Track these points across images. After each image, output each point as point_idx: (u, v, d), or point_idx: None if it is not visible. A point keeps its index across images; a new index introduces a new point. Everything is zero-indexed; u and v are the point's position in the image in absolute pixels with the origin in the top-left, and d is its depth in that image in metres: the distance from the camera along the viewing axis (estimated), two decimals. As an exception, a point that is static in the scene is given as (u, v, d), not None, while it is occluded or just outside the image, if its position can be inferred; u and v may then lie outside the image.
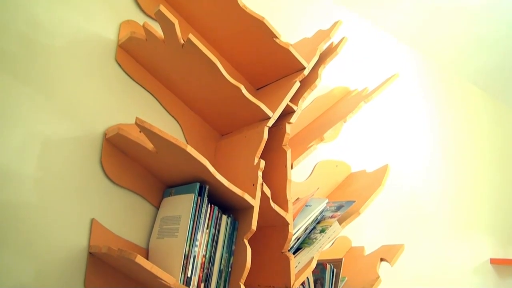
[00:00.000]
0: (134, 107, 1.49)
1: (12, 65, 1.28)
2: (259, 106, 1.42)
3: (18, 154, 1.26)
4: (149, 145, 1.31)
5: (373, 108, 2.38)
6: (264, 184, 1.39)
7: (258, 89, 1.76)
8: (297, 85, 1.51)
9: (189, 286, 1.24)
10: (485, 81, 3.14)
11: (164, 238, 1.35)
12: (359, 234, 2.12)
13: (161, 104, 1.55)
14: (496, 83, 3.15)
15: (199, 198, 1.32)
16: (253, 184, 1.37)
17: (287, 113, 1.55)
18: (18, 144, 1.26)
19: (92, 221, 1.34)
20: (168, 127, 1.56)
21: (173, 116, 1.57)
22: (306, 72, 1.57)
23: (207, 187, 1.34)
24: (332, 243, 1.94)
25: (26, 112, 1.28)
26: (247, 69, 1.70)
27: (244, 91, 1.38)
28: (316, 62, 1.64)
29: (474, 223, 2.97)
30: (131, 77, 1.50)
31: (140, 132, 1.43)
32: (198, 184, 1.32)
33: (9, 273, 1.19)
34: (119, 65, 1.48)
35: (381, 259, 1.71)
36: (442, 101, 2.90)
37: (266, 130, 1.42)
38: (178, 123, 1.58)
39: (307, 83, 1.60)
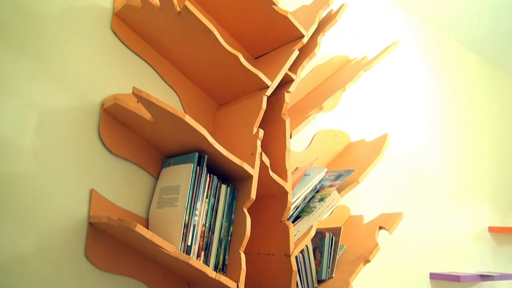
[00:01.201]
0: (131, 77, 1.48)
1: (7, 35, 1.26)
2: (257, 75, 1.41)
3: (15, 126, 1.25)
4: (147, 115, 1.30)
5: (373, 77, 2.36)
6: (263, 153, 1.38)
7: (256, 58, 1.74)
8: (295, 53, 1.50)
9: (189, 255, 1.25)
10: (485, 50, 3.11)
11: (163, 207, 1.36)
12: (358, 203, 2.13)
13: (158, 74, 1.53)
14: (496, 51, 3.12)
15: (198, 167, 1.32)
16: (252, 154, 1.37)
17: (286, 82, 1.54)
18: (15, 116, 1.25)
19: (92, 191, 1.34)
20: (166, 97, 1.54)
21: (170, 86, 1.56)
22: (305, 40, 1.55)
23: (206, 156, 1.34)
24: (331, 212, 1.95)
25: (22, 83, 1.27)
26: (245, 37, 1.67)
27: (242, 59, 1.37)
28: (315, 30, 1.61)
29: (473, 192, 2.99)
30: (127, 46, 1.47)
31: (138, 102, 1.42)
32: (197, 154, 1.32)
33: (10, 244, 1.20)
34: (115, 34, 1.46)
35: (380, 227, 1.72)
36: (442, 70, 2.88)
37: (264, 99, 1.41)
38: (176, 93, 1.57)
39: (306, 51, 1.58)
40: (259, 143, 1.37)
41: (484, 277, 2.60)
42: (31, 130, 1.27)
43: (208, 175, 1.34)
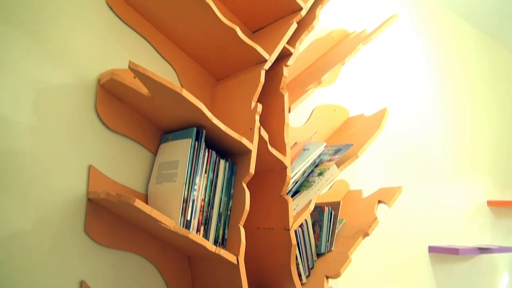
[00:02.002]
0: (127, 52, 1.46)
1: (2, 11, 1.24)
2: (255, 49, 1.39)
3: (12, 102, 1.24)
4: (144, 90, 1.29)
5: (371, 51, 2.34)
6: (261, 128, 1.38)
7: (254, 32, 1.72)
8: (294, 26, 1.47)
9: (189, 229, 1.26)
10: (483, 21, 3.07)
11: (162, 183, 1.36)
12: (357, 177, 2.14)
13: (155, 49, 1.52)
14: (493, 22, 3.09)
15: (196, 143, 1.31)
16: (251, 128, 1.36)
17: (284, 55, 1.52)
18: (11, 92, 1.24)
19: (90, 167, 1.34)
20: (163, 73, 1.53)
21: (167, 61, 1.54)
22: (303, 12, 1.52)
23: (204, 131, 1.33)
24: (330, 187, 1.95)
25: (17, 59, 1.25)
26: (242, 11, 1.65)
27: (239, 32, 1.35)
28: (314, 2, 1.59)
29: (472, 165, 2.99)
30: (123, 21, 1.45)
31: (134, 77, 1.40)
32: (195, 129, 1.31)
33: (9, 221, 1.20)
34: (111, 9, 1.43)
35: (379, 201, 1.72)
36: (440, 43, 2.85)
37: (262, 73, 1.40)
38: (173, 68, 1.55)
39: (304, 24, 1.55)
40: (257, 117, 1.36)
41: (483, 250, 2.62)
42: (27, 107, 1.26)
43: (207, 150, 1.34)
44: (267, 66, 1.42)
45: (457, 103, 2.92)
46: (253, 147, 1.34)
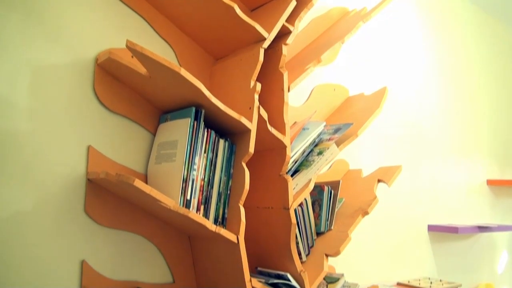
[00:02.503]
0: (125, 32, 1.44)
1: (-6, -12, 1.22)
2: (254, 27, 1.37)
3: (9, 83, 1.23)
4: (142, 70, 1.28)
5: (371, 29, 2.32)
6: (261, 107, 1.37)
7: (252, 10, 1.70)
8: (293, 4, 1.46)
9: (189, 209, 1.26)
10: None
11: (162, 163, 1.36)
12: (357, 157, 2.14)
13: (152, 28, 1.50)
14: (494, 0, 3.06)
15: (195, 122, 1.30)
16: (250, 108, 1.35)
17: (283, 34, 1.50)
18: (7, 72, 1.23)
19: (89, 148, 1.34)
20: (161, 52, 1.52)
21: (165, 40, 1.52)
22: (302, -10, 1.50)
23: (203, 111, 1.32)
24: (330, 166, 1.95)
25: (14, 38, 1.24)
26: (241, -11, 1.63)
27: (237, 10, 1.33)
28: (313, -21, 1.57)
29: (471, 145, 2.99)
30: (121, 0, 1.43)
31: (132, 57, 1.39)
32: (193, 109, 1.31)
33: (9, 201, 1.20)
34: (107, -13, 1.41)
35: (379, 180, 1.73)
36: (440, 22, 2.82)
37: (261, 51, 1.39)
38: (171, 47, 1.54)
39: (303, 2, 1.53)
40: (256, 96, 1.35)
41: (482, 229, 2.64)
42: (24, 87, 1.25)
43: (206, 129, 1.33)
44: (266, 44, 1.40)
45: (457, 82, 2.91)
46: (252, 126, 1.34)
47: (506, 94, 3.35)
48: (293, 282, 1.39)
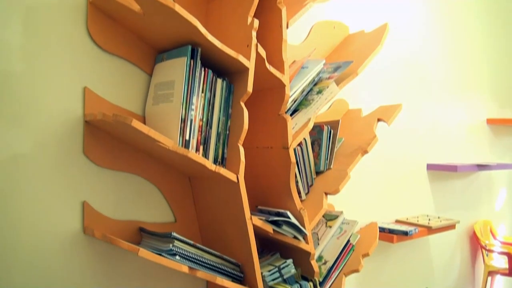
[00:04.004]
0: (116, -33, 1.38)
1: None
2: (250, -40, 1.32)
3: (1, 23, 1.19)
4: (135, 7, 1.24)
5: (374, -36, 2.24)
6: (258, 45, 1.34)
7: None
8: None
9: (188, 149, 1.25)
10: None
11: (159, 104, 1.34)
12: (357, 96, 2.12)
13: (145, -37, 1.44)
14: None
15: (192, 61, 1.28)
16: (247, 45, 1.32)
17: (281, -32, 1.45)
18: (0, 12, 1.19)
19: (85, 89, 1.31)
20: (155, -11, 1.46)
21: (159, -23, 1.47)
22: None
23: (199, 49, 1.29)
24: (330, 106, 1.94)
25: (0, -25, 1.19)
26: None
27: None
28: None
29: (472, 83, 2.96)
30: None
31: (125, -6, 1.34)
32: (189, 47, 1.27)
33: (6, 145, 1.19)
34: None
35: (378, 119, 1.72)
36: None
37: (258, -14, 1.34)
38: (165, -16, 1.48)
39: None
40: (254, 33, 1.31)
41: (481, 167, 2.66)
42: (18, 27, 1.21)
43: (203, 69, 1.31)
44: (263, -22, 1.35)
45: (457, 20, 2.84)
46: (250, 64, 1.31)
47: (507, 33, 3.28)
48: (293, 220, 1.41)
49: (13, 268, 1.21)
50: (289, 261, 1.45)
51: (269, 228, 1.39)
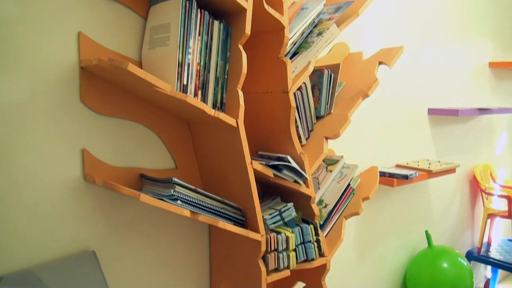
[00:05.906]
0: None
1: None
2: None
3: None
4: None
5: None
6: (256, -16, 1.29)
7: None
8: None
9: (186, 94, 1.23)
10: None
11: (155, 48, 1.31)
12: (358, 39, 2.07)
13: None
14: None
15: (187, 2, 1.23)
16: (245, -15, 1.27)
17: None
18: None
19: (79, 34, 1.28)
20: None
21: None
22: None
23: (195, -10, 1.25)
24: (330, 49, 1.90)
25: None
26: None
27: None
28: None
29: (474, 26, 2.89)
30: None
31: None
32: (185, -13, 1.23)
33: (2, 93, 1.17)
34: None
35: (380, 63, 1.68)
36: None
37: None
38: None
39: None
40: (251, -28, 1.27)
41: (482, 111, 2.64)
42: (3, -31, 1.16)
43: (199, 10, 1.27)
44: None
45: (465, -43, 2.74)
46: (248, 5, 1.27)
47: (516, -29, 3.18)
48: (293, 164, 1.41)
49: (15, 217, 1.21)
50: (290, 204, 1.47)
51: (269, 172, 1.39)
